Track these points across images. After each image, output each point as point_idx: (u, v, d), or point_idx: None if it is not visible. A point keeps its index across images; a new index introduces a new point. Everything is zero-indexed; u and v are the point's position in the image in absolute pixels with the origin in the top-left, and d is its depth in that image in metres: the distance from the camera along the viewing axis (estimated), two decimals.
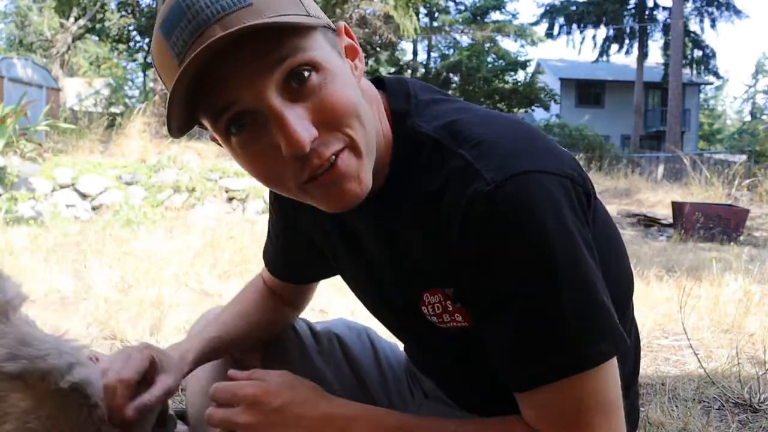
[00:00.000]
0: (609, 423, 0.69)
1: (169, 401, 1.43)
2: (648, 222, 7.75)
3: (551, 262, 0.65)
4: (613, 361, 0.69)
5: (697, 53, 25.36)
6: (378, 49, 18.92)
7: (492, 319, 0.70)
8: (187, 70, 0.61)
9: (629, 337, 0.91)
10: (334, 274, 1.05)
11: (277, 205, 1.01)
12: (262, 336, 1.11)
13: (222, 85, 0.64)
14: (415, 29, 15.53)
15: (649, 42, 26.90)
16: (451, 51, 22.35)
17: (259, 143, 0.67)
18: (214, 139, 0.73)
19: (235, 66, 0.63)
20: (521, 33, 20.99)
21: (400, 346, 1.24)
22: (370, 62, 19.99)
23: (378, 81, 0.83)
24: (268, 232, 1.07)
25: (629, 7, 26.02)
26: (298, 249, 1.02)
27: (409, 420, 0.80)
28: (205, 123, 0.69)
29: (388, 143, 0.78)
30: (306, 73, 0.65)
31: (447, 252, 0.73)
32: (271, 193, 1.01)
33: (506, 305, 0.68)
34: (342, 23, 0.75)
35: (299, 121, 0.65)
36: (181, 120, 0.67)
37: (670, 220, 7.38)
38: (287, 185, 0.70)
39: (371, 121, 0.72)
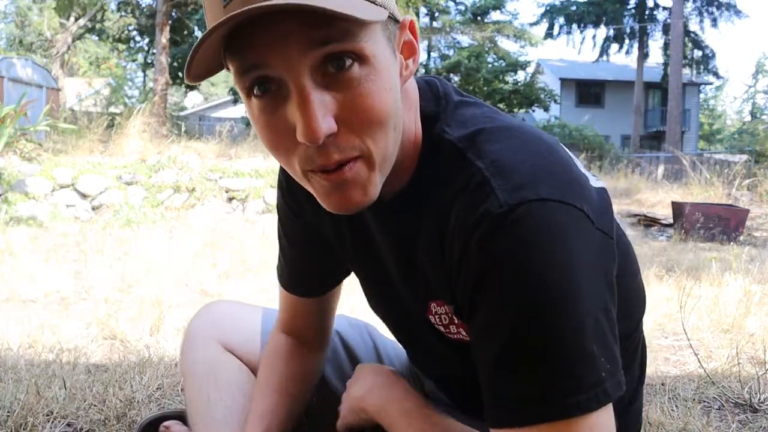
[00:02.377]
0: None
1: (166, 401, 1.43)
2: (648, 222, 7.75)
3: (542, 297, 0.60)
4: (596, 419, 0.61)
5: (697, 53, 25.35)
6: None
7: (478, 344, 0.66)
8: (229, 19, 0.56)
9: (636, 351, 0.90)
10: (350, 272, 1.03)
11: (290, 201, 0.96)
12: (301, 407, 1.09)
13: (258, 44, 0.59)
14: None
15: (649, 42, 26.89)
16: (451, 51, 22.34)
17: (277, 114, 0.63)
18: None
19: (278, 30, 0.58)
20: (521, 35, 20.96)
21: None
22: None
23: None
24: (281, 249, 1.04)
25: (629, 7, 26.00)
26: (314, 252, 0.98)
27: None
28: (232, 73, 0.65)
29: (418, 147, 0.75)
30: (348, 62, 0.61)
31: (448, 267, 0.71)
32: (282, 190, 0.97)
33: (490, 333, 0.63)
34: (410, 18, 0.70)
35: (321, 110, 0.60)
36: (205, 65, 0.63)
37: (670, 220, 7.37)
38: (293, 165, 0.67)
39: (400, 128, 0.69)
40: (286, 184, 0.96)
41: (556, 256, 0.61)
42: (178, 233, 5.13)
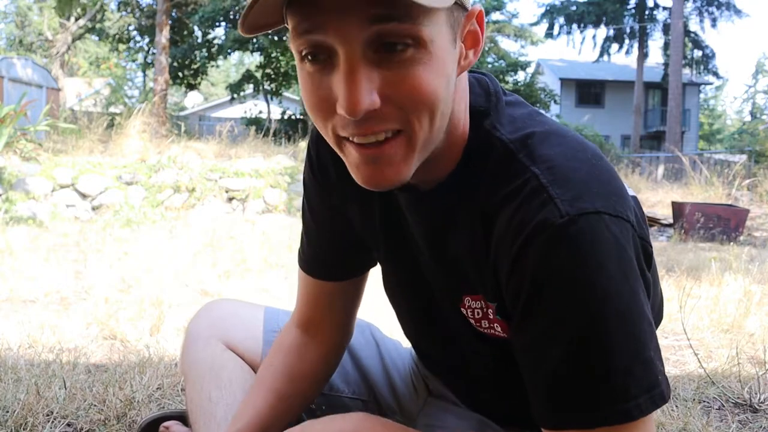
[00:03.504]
0: None
1: (166, 401, 1.42)
2: (648, 222, 7.75)
3: (607, 308, 0.62)
4: (651, 421, 0.66)
5: (697, 53, 25.34)
6: None
7: (534, 348, 0.67)
8: None
9: None
10: (376, 263, 0.99)
11: (319, 175, 0.93)
12: (296, 408, 1.01)
13: (320, 7, 0.59)
14: None
15: (649, 42, 26.89)
16: None
17: (324, 81, 0.63)
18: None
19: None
20: (521, 34, 20.97)
21: (404, 343, 1.24)
22: None
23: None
24: (305, 228, 1.00)
25: (629, 7, 26.00)
26: (340, 232, 0.95)
27: None
28: (289, 31, 0.64)
29: (463, 140, 0.75)
30: (403, 45, 0.60)
31: (493, 267, 0.71)
32: (311, 164, 0.94)
33: (551, 341, 0.65)
34: (479, 8, 0.68)
35: (367, 86, 0.60)
36: (264, 17, 0.63)
37: (670, 220, 7.37)
38: (328, 131, 0.67)
39: (447, 117, 0.68)
40: (316, 160, 0.93)
41: (613, 268, 0.63)
42: (178, 233, 5.13)
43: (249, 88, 18.84)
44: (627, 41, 26.23)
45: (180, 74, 18.28)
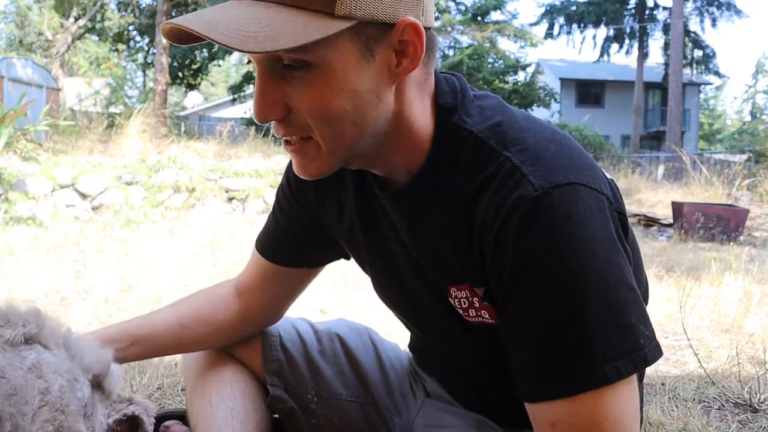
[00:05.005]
0: None
1: (166, 401, 1.42)
2: (648, 222, 7.75)
3: (583, 278, 0.64)
4: (632, 384, 0.67)
5: (697, 53, 25.33)
6: None
7: (516, 324, 0.69)
8: (168, 23, 0.67)
9: None
10: (334, 259, 1.05)
11: (296, 191, 0.98)
12: (206, 344, 1.11)
13: None
14: None
15: (649, 42, 26.90)
16: (452, 51, 22.30)
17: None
18: None
19: None
20: (521, 35, 20.94)
21: (402, 345, 1.24)
22: None
23: None
24: (270, 216, 1.05)
25: (629, 7, 25.99)
26: (303, 231, 1.00)
27: None
28: None
29: (428, 136, 0.77)
30: (296, 67, 0.67)
31: (479, 252, 0.73)
32: (288, 180, 0.99)
33: (533, 313, 0.67)
34: (410, 19, 0.68)
35: (267, 99, 0.69)
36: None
37: (670, 220, 7.37)
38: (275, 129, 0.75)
39: (363, 123, 0.71)
40: (293, 176, 0.97)
41: (589, 237, 0.65)
42: (178, 233, 5.13)
43: (249, 89, 18.82)
44: (627, 41, 26.21)
45: (180, 74, 18.28)
